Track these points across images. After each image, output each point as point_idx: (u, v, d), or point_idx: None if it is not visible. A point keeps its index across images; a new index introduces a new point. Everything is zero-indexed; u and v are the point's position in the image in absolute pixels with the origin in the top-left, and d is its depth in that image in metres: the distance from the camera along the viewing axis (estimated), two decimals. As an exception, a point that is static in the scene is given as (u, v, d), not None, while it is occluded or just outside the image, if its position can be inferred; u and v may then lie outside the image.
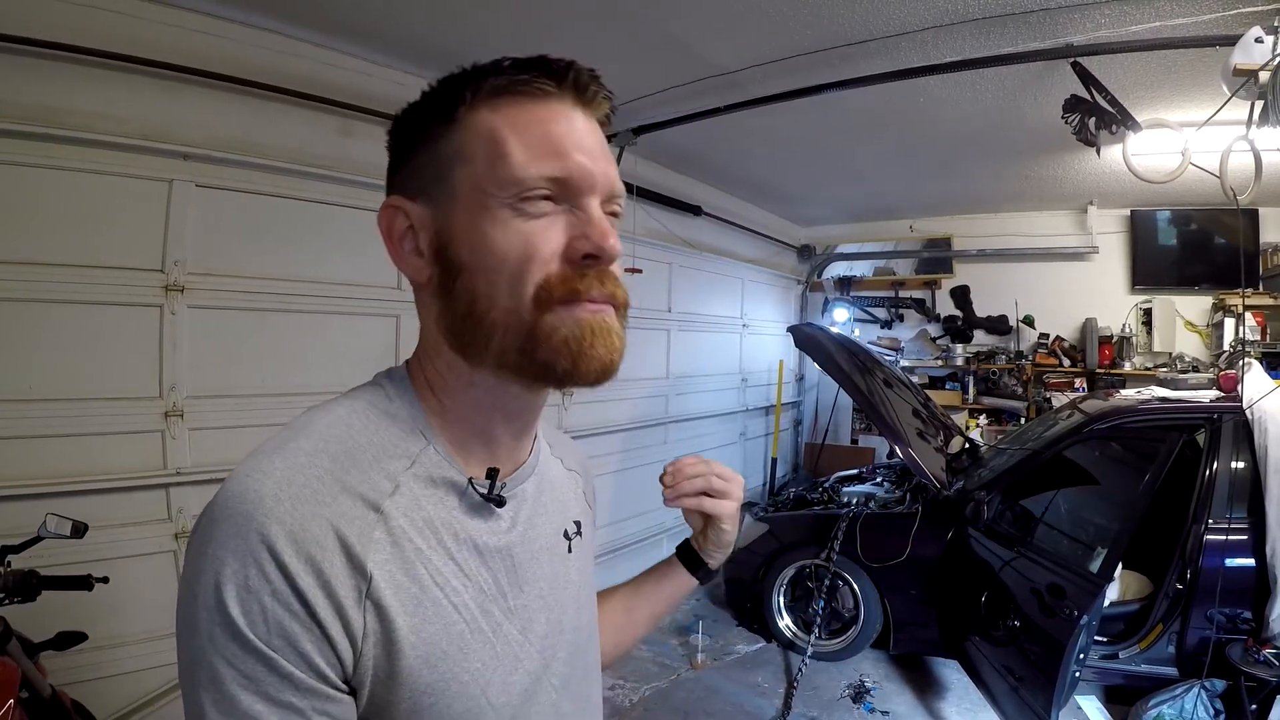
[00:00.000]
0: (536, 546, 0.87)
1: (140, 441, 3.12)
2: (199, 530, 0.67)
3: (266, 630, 0.62)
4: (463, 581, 0.76)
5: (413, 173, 0.79)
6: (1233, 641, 3.76)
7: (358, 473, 0.72)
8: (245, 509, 0.64)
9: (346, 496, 0.69)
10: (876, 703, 4.37)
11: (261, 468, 0.68)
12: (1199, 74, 3.62)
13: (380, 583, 0.68)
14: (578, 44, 3.55)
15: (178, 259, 3.16)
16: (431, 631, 0.71)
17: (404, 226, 0.79)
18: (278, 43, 3.45)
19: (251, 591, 0.62)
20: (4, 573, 2.14)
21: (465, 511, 0.79)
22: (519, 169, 0.73)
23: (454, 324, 0.78)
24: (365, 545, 0.68)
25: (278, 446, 0.71)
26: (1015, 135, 4.93)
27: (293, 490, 0.67)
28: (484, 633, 0.77)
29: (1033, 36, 3.36)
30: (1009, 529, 4.26)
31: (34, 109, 2.77)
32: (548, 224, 0.75)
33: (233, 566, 0.63)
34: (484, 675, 0.75)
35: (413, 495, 0.74)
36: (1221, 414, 4.18)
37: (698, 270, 6.67)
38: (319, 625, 0.64)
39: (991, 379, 7.69)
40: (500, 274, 0.74)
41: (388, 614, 0.68)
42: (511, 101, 0.76)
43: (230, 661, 0.62)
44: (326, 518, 0.67)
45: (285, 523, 0.64)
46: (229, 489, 0.67)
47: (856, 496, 5.37)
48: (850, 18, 3.29)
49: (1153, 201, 6.49)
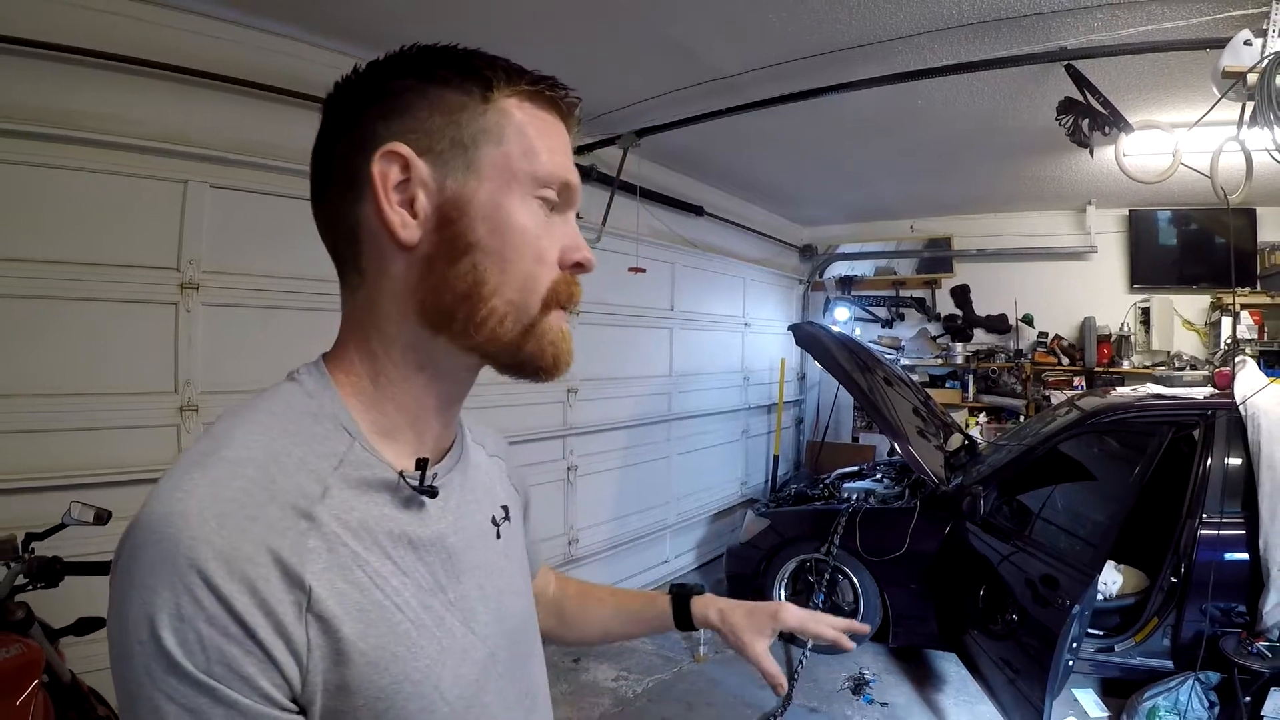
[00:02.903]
0: (469, 535, 0.86)
1: (156, 435, 3.17)
2: (123, 557, 0.64)
3: (205, 659, 0.59)
4: (401, 580, 0.74)
5: (420, 129, 0.75)
6: (1226, 634, 3.82)
7: (284, 479, 0.68)
8: (170, 532, 0.61)
9: (275, 507, 0.66)
10: (876, 694, 4.44)
11: (183, 485, 0.64)
12: (1190, 76, 3.67)
13: (320, 594, 0.66)
14: (585, 49, 3.64)
15: (192, 257, 3.22)
16: (378, 635, 0.69)
17: (400, 178, 0.75)
18: (290, 47, 3.51)
19: (185, 620, 0.59)
20: (28, 559, 2.19)
21: (396, 506, 0.77)
22: (547, 167, 0.78)
23: (442, 299, 0.76)
24: (301, 557, 0.65)
25: (198, 460, 0.67)
26: (1012, 136, 4.97)
27: (219, 507, 0.63)
28: (428, 629, 0.75)
29: (1027, 40, 3.41)
30: (1005, 523, 4.32)
31: (54, 112, 2.84)
32: (551, 229, 0.80)
33: (163, 595, 0.60)
34: (434, 671, 0.74)
35: (342, 497, 0.72)
36: (1216, 411, 4.23)
37: (700, 270, 6.72)
38: (260, 646, 0.61)
39: (991, 377, 7.72)
40: (515, 266, 0.76)
41: (331, 624, 0.66)
42: (536, 104, 0.80)
43: (171, 696, 0.59)
44: (257, 533, 0.64)
45: (214, 543, 0.61)
46: (152, 511, 0.63)
47: (857, 492, 5.44)
48: (848, 23, 3.34)
49: (1151, 201, 6.52)
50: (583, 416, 5.34)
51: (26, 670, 1.96)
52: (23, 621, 2.09)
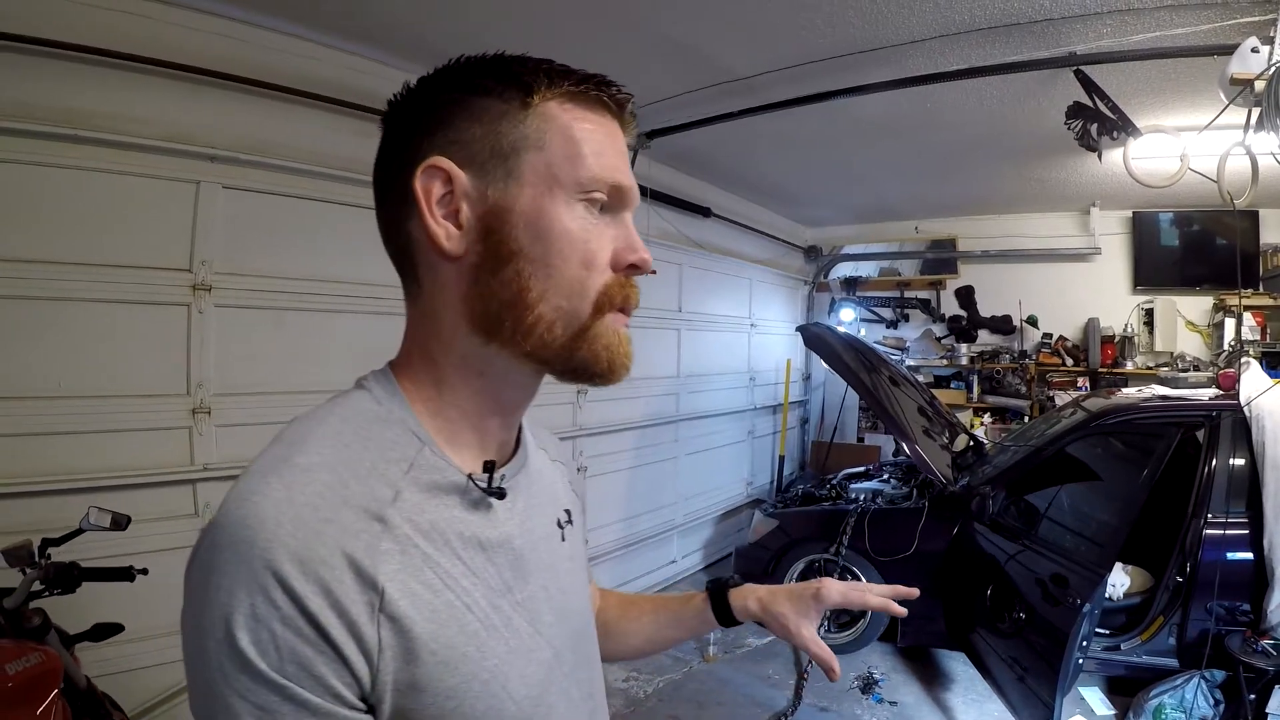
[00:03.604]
0: (535, 537, 0.87)
1: (168, 438, 3.15)
2: (199, 559, 0.66)
3: (279, 658, 0.61)
4: (471, 581, 0.75)
5: (462, 141, 0.77)
6: (1232, 633, 3.85)
7: (357, 484, 0.70)
8: (247, 535, 0.63)
9: (349, 511, 0.68)
10: (885, 693, 4.48)
11: (259, 489, 0.66)
12: (1197, 81, 3.70)
13: (393, 594, 0.67)
14: (597, 51, 3.64)
15: (205, 259, 3.19)
16: (449, 635, 0.71)
17: (442, 191, 0.76)
18: (300, 47, 3.49)
19: (260, 620, 0.61)
20: (45, 565, 2.17)
21: (465, 508, 0.78)
22: (592, 169, 0.76)
23: (490, 307, 0.77)
24: (374, 559, 0.67)
25: (272, 466, 0.69)
26: (1019, 140, 5.00)
27: (294, 511, 0.65)
28: (497, 629, 0.76)
29: (1037, 46, 3.44)
30: (1013, 523, 4.35)
31: (63, 111, 2.81)
32: (602, 232, 0.79)
33: (239, 596, 0.61)
34: (502, 671, 0.75)
35: (413, 500, 0.73)
36: (1220, 411, 4.27)
37: (707, 271, 6.73)
38: (332, 646, 0.63)
39: (995, 378, 7.75)
40: (562, 271, 0.76)
41: (403, 624, 0.67)
42: (581, 105, 0.78)
43: (243, 695, 0.61)
44: (332, 536, 0.65)
45: (289, 546, 0.63)
46: (229, 514, 0.65)
47: (864, 492, 5.45)
48: (861, 26, 3.37)
49: (1155, 203, 6.54)
50: (593, 417, 5.37)
51: (46, 679, 1.95)
52: (40, 628, 2.07)
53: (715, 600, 1.24)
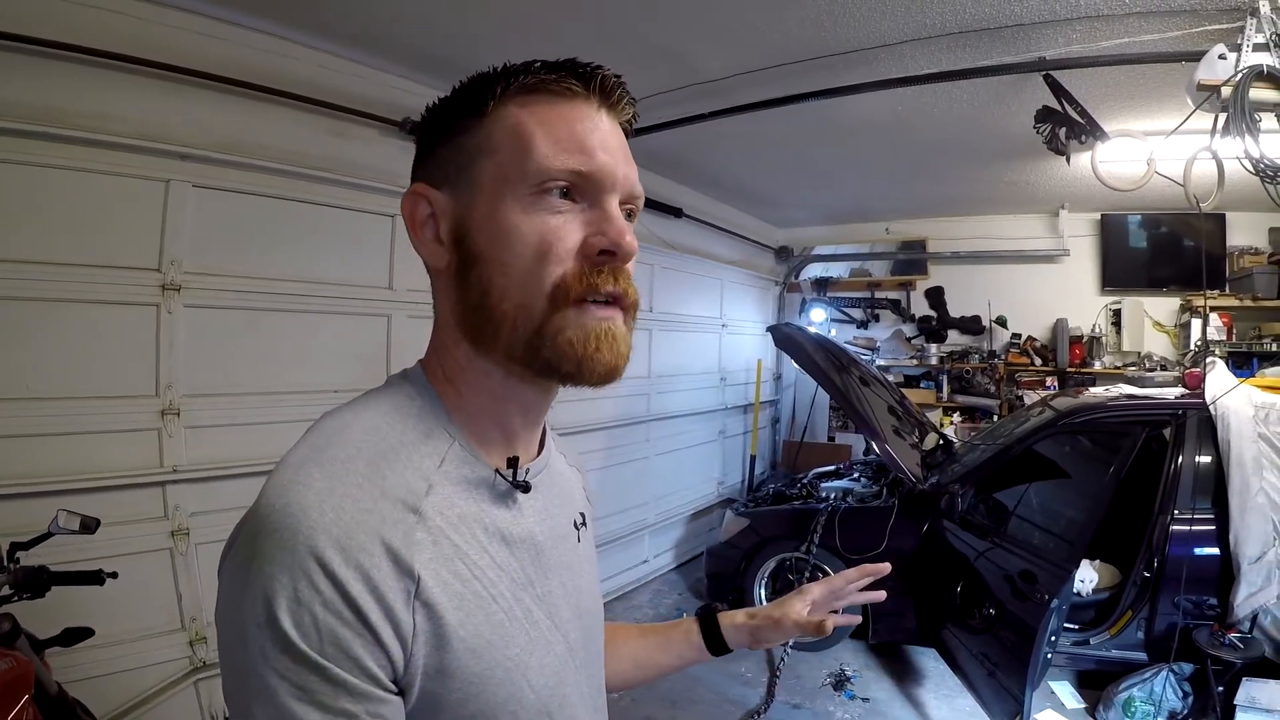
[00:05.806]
0: (555, 535, 0.90)
1: (137, 440, 3.11)
2: (241, 545, 0.68)
3: (319, 640, 0.63)
4: (497, 573, 0.78)
5: (437, 163, 0.82)
6: (1199, 626, 3.92)
7: (394, 476, 0.73)
8: (290, 523, 0.65)
9: (386, 501, 0.70)
10: (857, 690, 4.50)
11: (300, 479, 0.69)
12: (1165, 87, 3.75)
13: (428, 582, 0.69)
14: (568, 50, 3.60)
15: (174, 258, 3.15)
16: (476, 623, 0.73)
17: (426, 214, 0.81)
18: (275, 45, 3.46)
19: (302, 603, 0.63)
20: (14, 569, 2.13)
21: (492, 503, 0.81)
22: (543, 159, 0.75)
23: (467, 313, 0.80)
24: (410, 548, 0.69)
25: (312, 456, 0.72)
26: (989, 143, 5.04)
27: (335, 500, 0.67)
28: (519, 620, 0.79)
29: (1007, 50, 3.47)
30: (983, 521, 4.39)
31: (33, 108, 2.76)
32: (565, 220, 0.77)
33: (281, 580, 0.63)
34: (523, 660, 0.78)
35: (445, 493, 0.76)
36: (1186, 410, 4.33)
37: (678, 271, 6.74)
38: (370, 629, 0.65)
39: (965, 378, 7.82)
40: (515, 267, 0.76)
41: (436, 611, 0.70)
42: (541, 99, 0.78)
43: (283, 674, 0.62)
44: (372, 525, 0.68)
45: (331, 533, 0.65)
46: (270, 502, 0.67)
47: (835, 491, 5.48)
48: (833, 30, 3.38)
49: (1123, 206, 6.62)
50: (562, 418, 5.30)
51: (16, 685, 1.92)
52: (9, 634, 2.03)
53: (705, 625, 1.32)
